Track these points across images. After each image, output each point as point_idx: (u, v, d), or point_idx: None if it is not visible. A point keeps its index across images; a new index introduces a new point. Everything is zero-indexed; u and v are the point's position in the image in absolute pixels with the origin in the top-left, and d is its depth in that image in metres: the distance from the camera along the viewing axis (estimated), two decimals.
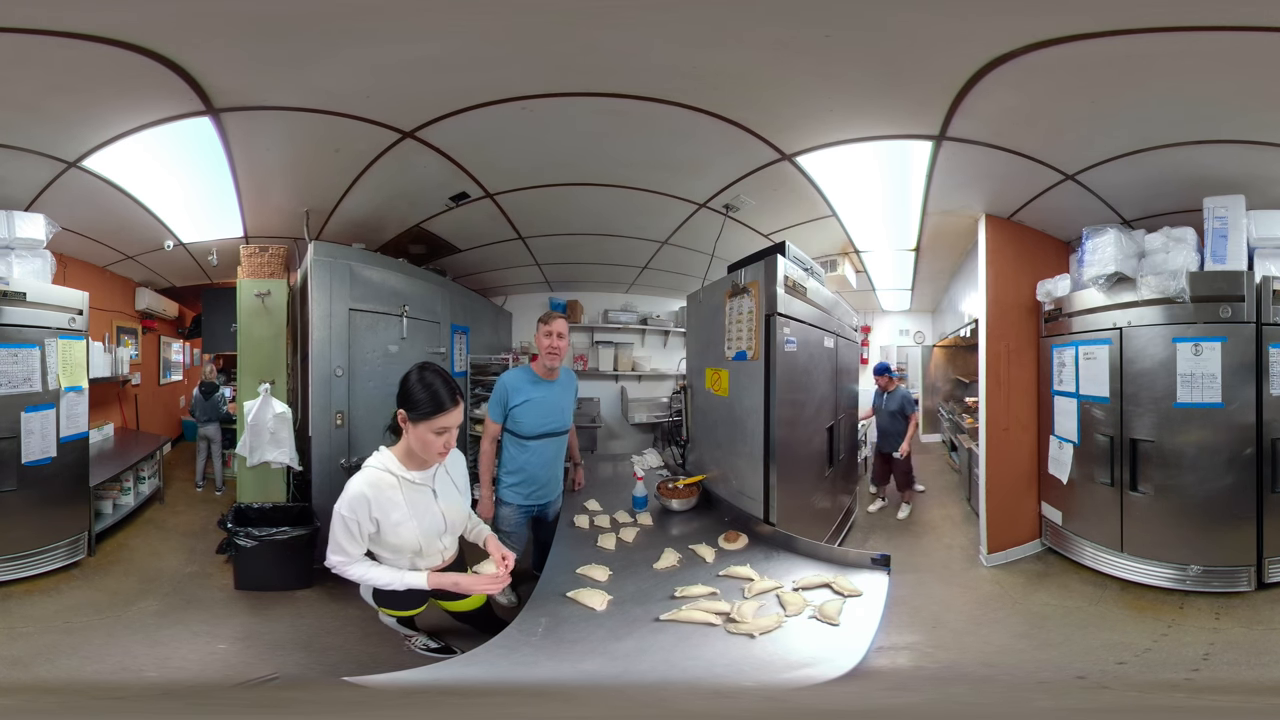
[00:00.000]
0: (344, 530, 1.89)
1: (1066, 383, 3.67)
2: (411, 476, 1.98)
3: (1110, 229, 3.36)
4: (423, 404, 1.87)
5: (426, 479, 2.02)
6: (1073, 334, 3.62)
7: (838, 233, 4.25)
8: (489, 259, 5.10)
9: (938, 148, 2.94)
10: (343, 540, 1.90)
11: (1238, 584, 3.05)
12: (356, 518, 1.88)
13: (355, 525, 1.88)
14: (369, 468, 1.96)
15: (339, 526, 1.89)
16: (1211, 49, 2.13)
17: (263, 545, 3.26)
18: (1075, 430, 3.59)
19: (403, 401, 1.91)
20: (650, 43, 2.28)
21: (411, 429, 1.90)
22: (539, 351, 2.87)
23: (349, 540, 1.91)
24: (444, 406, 1.87)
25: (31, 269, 3.39)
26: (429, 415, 1.86)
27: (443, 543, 2.11)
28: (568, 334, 2.91)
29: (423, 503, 2.00)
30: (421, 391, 1.88)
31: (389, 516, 1.93)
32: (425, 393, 1.88)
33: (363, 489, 1.89)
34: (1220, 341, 3.05)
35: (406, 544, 1.99)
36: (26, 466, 3.19)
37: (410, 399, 1.89)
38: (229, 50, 2.29)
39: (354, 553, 1.93)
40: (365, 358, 3.87)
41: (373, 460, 1.98)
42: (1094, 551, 3.48)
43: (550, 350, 2.83)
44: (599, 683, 1.53)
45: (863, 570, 2.11)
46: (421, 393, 1.88)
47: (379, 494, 1.91)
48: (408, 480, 1.97)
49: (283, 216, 3.85)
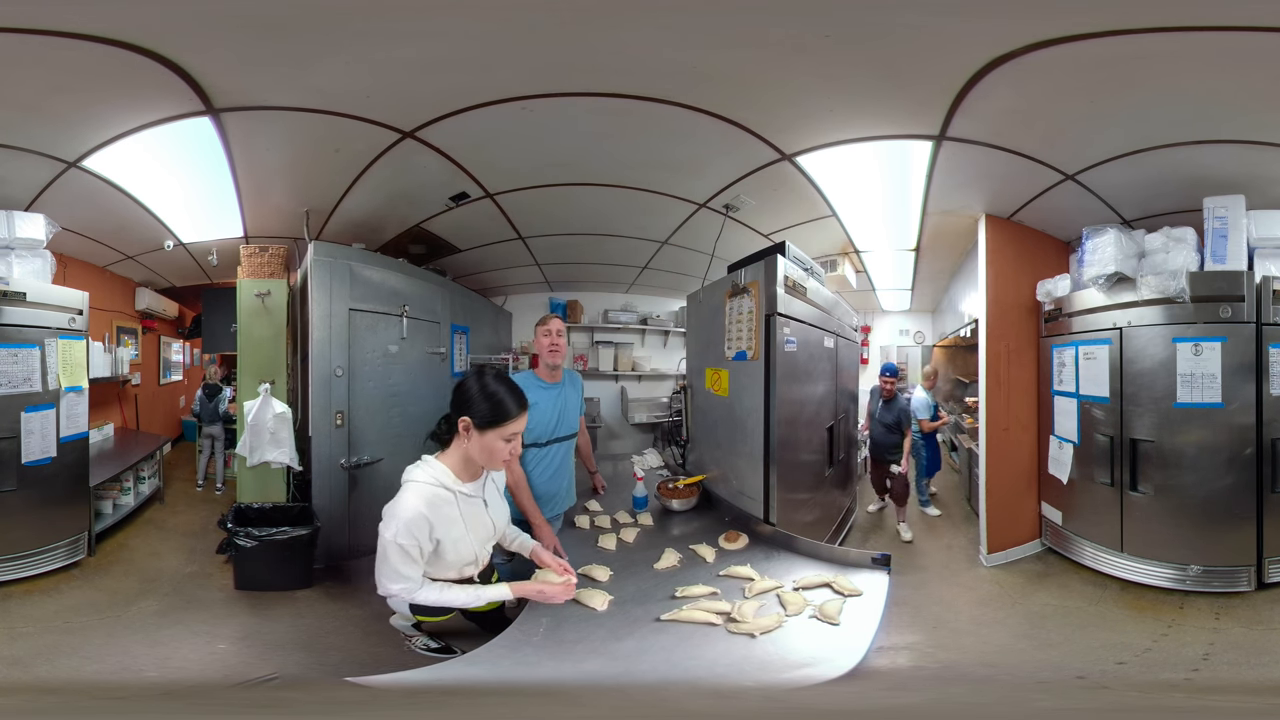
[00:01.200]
0: (403, 556, 1.75)
1: (1066, 383, 3.67)
2: (466, 489, 1.88)
3: (1110, 229, 3.36)
4: (492, 410, 1.79)
5: (478, 489, 1.94)
6: (1073, 334, 3.62)
7: (838, 233, 4.25)
8: (489, 259, 5.10)
9: (938, 148, 2.94)
10: (402, 567, 1.76)
11: (1238, 584, 3.05)
12: (416, 541, 1.75)
13: (415, 549, 1.76)
14: (419, 483, 1.81)
15: (396, 554, 1.74)
16: (1211, 49, 2.13)
17: (263, 545, 3.26)
18: (1075, 430, 3.59)
19: (466, 409, 1.81)
20: (650, 43, 2.28)
21: (477, 436, 1.80)
22: (539, 353, 2.81)
23: (409, 565, 1.77)
24: (514, 412, 1.80)
25: (31, 269, 3.39)
26: (500, 422, 1.78)
27: (488, 549, 2.07)
28: (566, 333, 2.89)
29: (476, 514, 1.93)
30: (490, 397, 1.80)
31: (450, 533, 1.82)
32: (494, 399, 1.80)
33: (420, 509, 1.76)
34: (1220, 341, 3.05)
35: (464, 559, 1.91)
36: (26, 466, 3.19)
37: (476, 405, 1.80)
38: (229, 50, 2.29)
39: (415, 575, 1.80)
40: (365, 358, 3.87)
41: (420, 474, 1.83)
42: (1094, 551, 3.48)
43: (551, 349, 2.78)
44: (600, 683, 1.53)
45: (863, 570, 2.11)
46: (490, 399, 1.80)
47: (437, 512, 1.79)
48: (463, 494, 1.87)
49: (283, 216, 3.85)
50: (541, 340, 2.80)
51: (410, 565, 1.77)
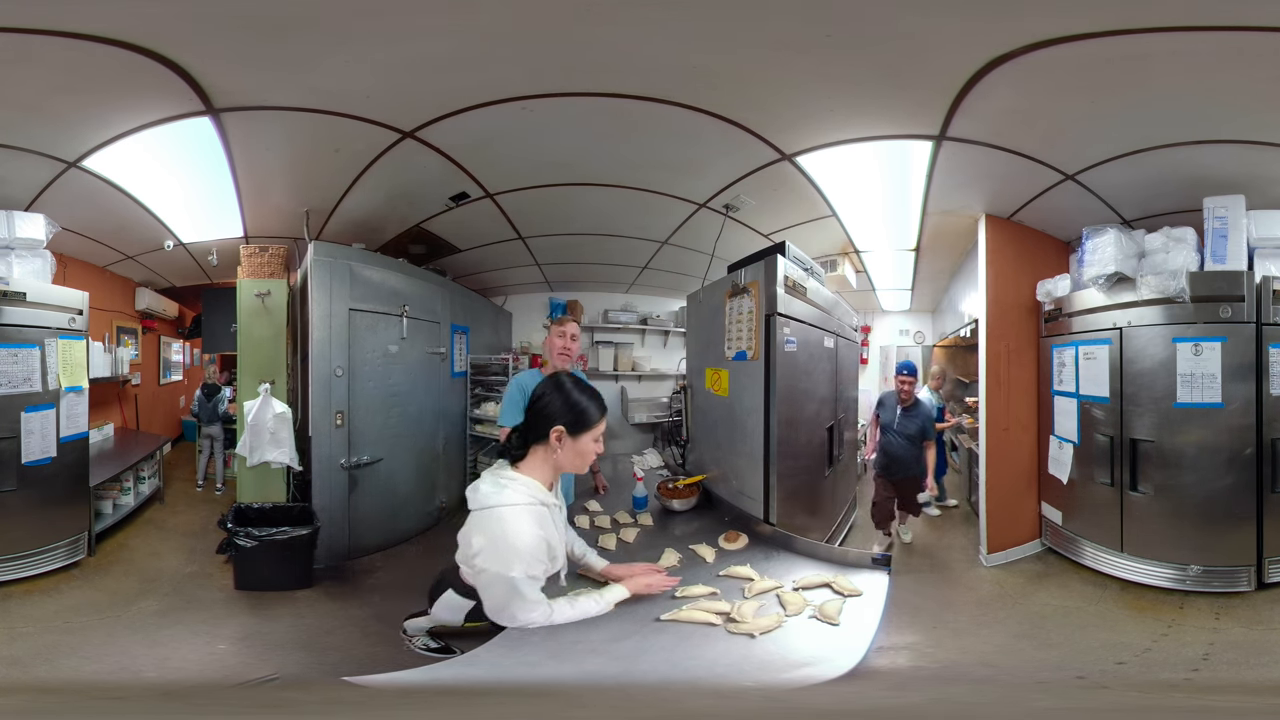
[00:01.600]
0: (534, 586, 1.70)
1: (1066, 383, 3.67)
2: (554, 500, 1.87)
3: (1110, 229, 3.36)
4: (587, 412, 1.82)
5: (556, 497, 1.92)
6: (1073, 334, 3.62)
7: (838, 233, 4.25)
8: (489, 259, 5.10)
9: (938, 148, 2.94)
10: (536, 596, 1.71)
11: (1238, 584, 3.05)
12: (544, 566, 1.73)
13: (544, 573, 1.74)
14: (520, 505, 1.72)
15: (529, 588, 1.66)
16: (1211, 49, 2.13)
17: (263, 545, 3.26)
18: (1075, 430, 3.59)
19: (556, 419, 1.79)
20: (650, 43, 2.28)
21: (571, 443, 1.79)
22: (550, 353, 2.77)
23: (537, 590, 1.72)
24: (603, 410, 1.86)
25: (31, 269, 3.39)
26: (593, 424, 1.83)
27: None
28: (581, 339, 2.86)
29: (561, 521, 1.92)
30: (576, 404, 1.82)
31: (555, 550, 1.81)
32: (580, 404, 1.83)
33: (537, 533, 1.70)
34: (1220, 341, 3.05)
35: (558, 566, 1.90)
36: (26, 466, 3.19)
37: (566, 414, 1.80)
38: (229, 50, 2.29)
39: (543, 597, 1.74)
40: (365, 358, 3.87)
41: (515, 495, 1.74)
42: (1094, 551, 3.48)
43: (563, 352, 2.75)
44: (600, 682, 1.53)
45: (863, 570, 2.10)
46: (577, 405, 1.82)
47: (547, 529, 1.76)
48: (554, 505, 1.86)
49: (283, 216, 3.85)
50: (555, 340, 2.76)
51: (537, 589, 1.72)
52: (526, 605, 1.66)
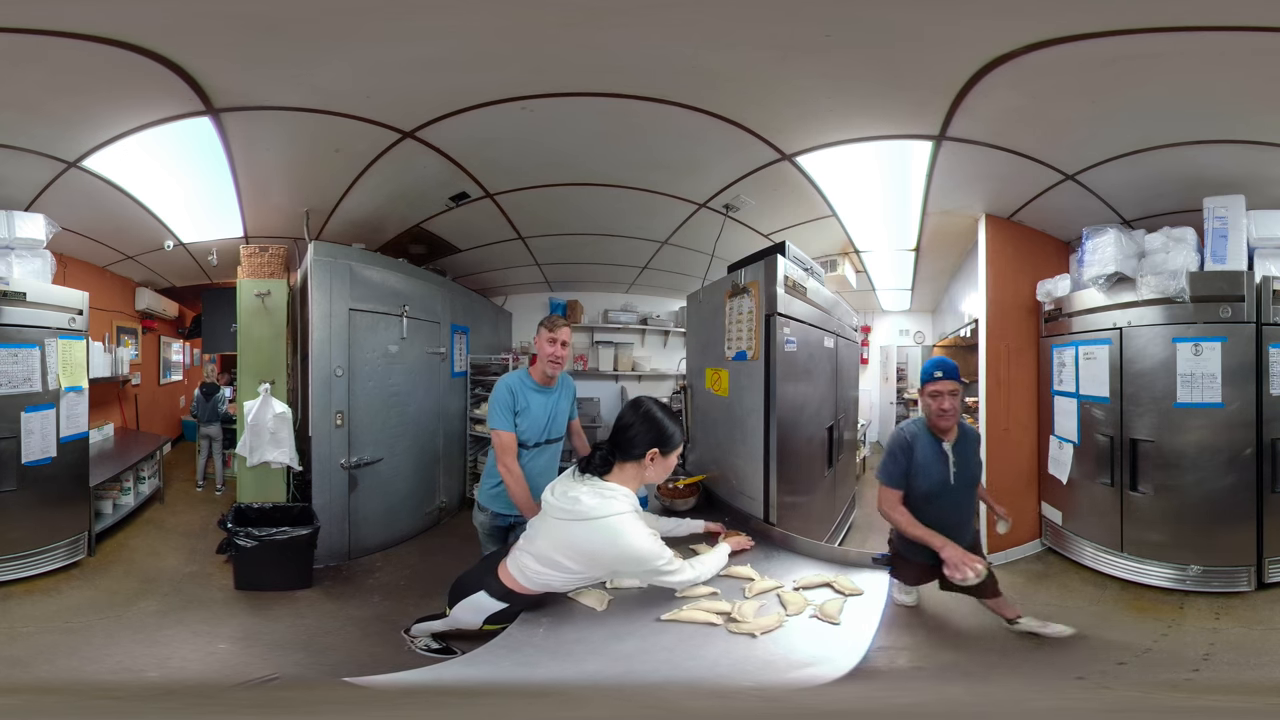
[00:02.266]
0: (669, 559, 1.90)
1: (1066, 383, 3.67)
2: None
3: (1110, 229, 3.36)
4: (674, 436, 2.01)
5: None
6: (1073, 334, 3.62)
7: (838, 233, 4.25)
8: (489, 259, 5.10)
9: (938, 148, 2.94)
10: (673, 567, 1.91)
11: (1238, 584, 3.05)
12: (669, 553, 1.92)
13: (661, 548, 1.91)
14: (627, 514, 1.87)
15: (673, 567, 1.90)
16: (1211, 49, 2.13)
17: (263, 545, 3.26)
18: (1075, 430, 3.59)
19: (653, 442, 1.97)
20: (650, 42, 2.28)
21: (661, 460, 2.00)
22: (540, 357, 2.71)
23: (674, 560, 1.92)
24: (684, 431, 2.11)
25: (31, 269, 3.39)
26: (678, 444, 2.03)
27: None
28: (571, 341, 2.79)
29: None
30: (668, 427, 2.01)
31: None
32: (671, 427, 2.02)
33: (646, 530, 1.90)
34: (1220, 341, 3.05)
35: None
36: (26, 466, 3.19)
37: (663, 435, 1.98)
38: (229, 50, 2.29)
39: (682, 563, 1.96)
40: (365, 358, 3.87)
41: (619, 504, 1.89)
42: (1094, 551, 3.48)
43: (553, 359, 2.68)
44: (601, 683, 1.53)
45: (863, 570, 2.11)
46: (669, 428, 2.01)
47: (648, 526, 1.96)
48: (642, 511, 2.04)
49: (283, 216, 3.85)
50: (545, 346, 2.69)
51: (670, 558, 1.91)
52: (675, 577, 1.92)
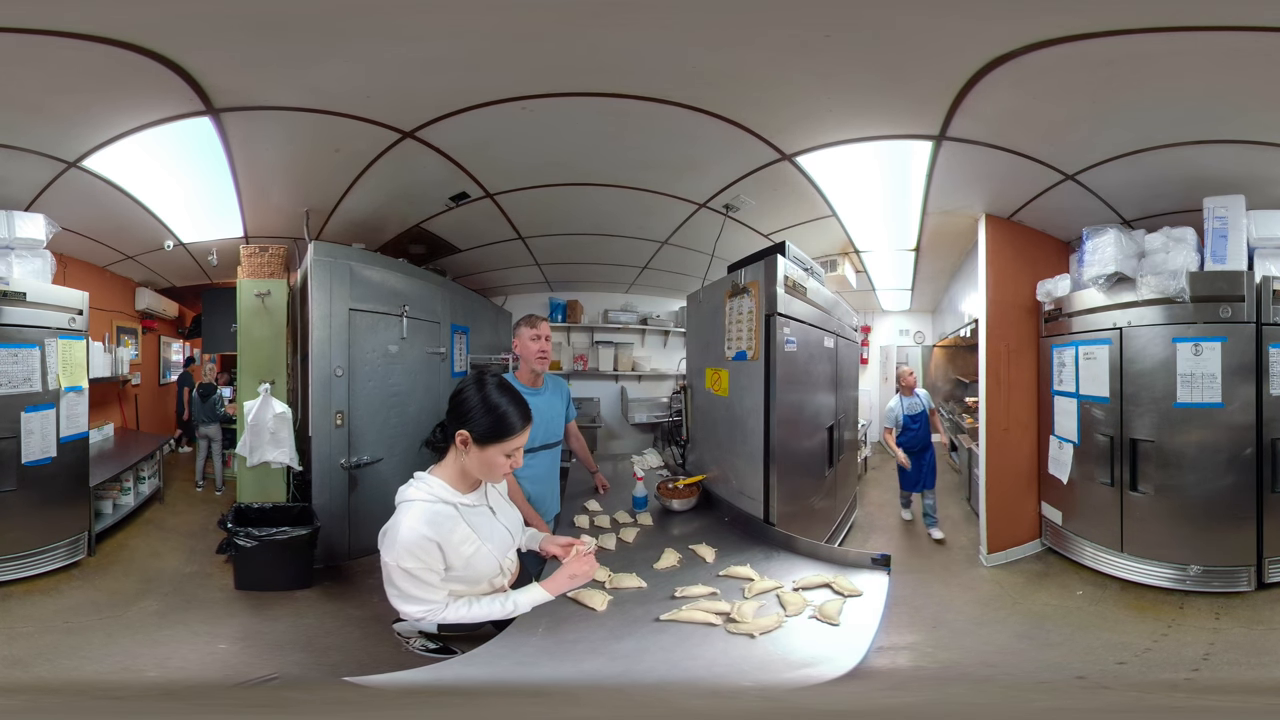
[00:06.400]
0: (412, 581, 1.63)
1: (1066, 383, 3.67)
2: (468, 500, 1.77)
3: (1110, 229, 3.36)
4: (495, 425, 1.68)
5: (480, 498, 1.84)
6: (1073, 334, 3.62)
7: (838, 233, 4.25)
8: (489, 259, 5.10)
9: (938, 148, 2.94)
10: (416, 591, 1.64)
11: (1238, 584, 3.05)
12: (424, 563, 1.63)
13: (425, 571, 1.64)
14: (418, 502, 1.68)
15: (401, 578, 1.62)
16: (1211, 49, 2.13)
17: (263, 545, 3.26)
18: (1075, 430, 3.59)
19: (465, 421, 1.70)
20: (650, 42, 2.28)
21: (476, 451, 1.69)
22: (526, 357, 2.68)
23: (424, 589, 1.65)
24: (518, 427, 1.69)
25: (31, 269, 3.39)
26: (502, 437, 1.68)
27: (509, 557, 1.94)
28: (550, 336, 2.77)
29: (486, 524, 1.82)
30: (492, 411, 1.69)
31: (460, 552, 1.70)
32: (496, 412, 1.69)
33: (421, 530, 1.63)
34: (1220, 341, 3.05)
35: (486, 573, 1.80)
36: (26, 466, 3.19)
37: (477, 419, 1.69)
38: (229, 50, 2.29)
39: (436, 598, 1.68)
40: (365, 358, 3.87)
41: (417, 492, 1.70)
42: (1094, 551, 3.48)
43: (540, 355, 2.65)
44: (599, 682, 1.52)
45: (863, 570, 2.10)
46: (492, 412, 1.69)
47: (441, 531, 1.66)
48: (466, 505, 1.76)
49: (283, 216, 3.85)
50: (530, 345, 2.66)
51: (423, 588, 1.65)
52: (399, 595, 1.65)
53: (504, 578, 1.88)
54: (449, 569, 1.69)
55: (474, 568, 1.74)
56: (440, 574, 1.67)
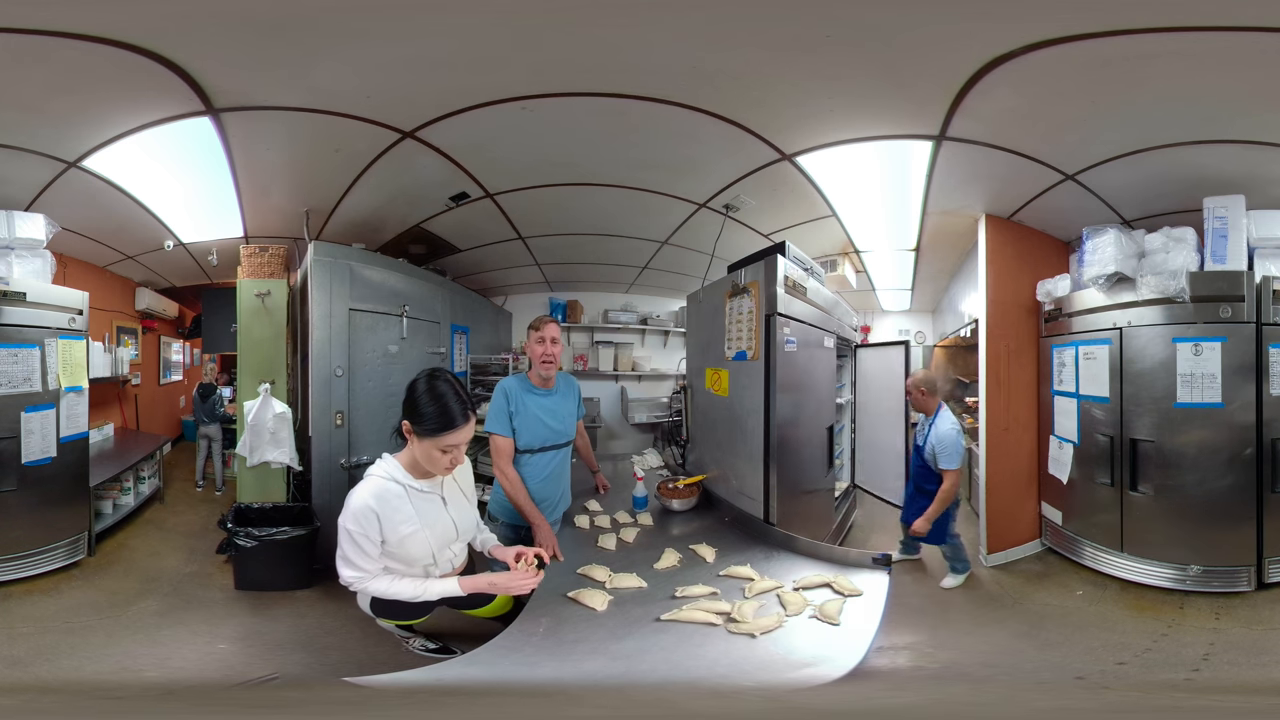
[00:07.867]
0: (352, 545, 1.79)
1: (1066, 383, 3.67)
2: (419, 485, 1.88)
3: (1110, 229, 3.36)
4: (429, 419, 1.75)
5: (435, 486, 1.94)
6: (1073, 334, 3.62)
7: (838, 233, 4.25)
8: (489, 259, 5.10)
9: (938, 148, 2.94)
10: (353, 555, 1.80)
11: (1238, 584, 3.05)
12: (364, 531, 1.78)
13: (364, 539, 1.79)
14: (373, 477, 1.85)
15: (346, 541, 1.79)
16: (1211, 49, 2.13)
17: (263, 545, 3.26)
18: (1075, 430, 3.59)
19: (408, 413, 1.79)
20: (651, 43, 2.28)
21: (416, 442, 1.79)
22: (533, 359, 2.68)
23: (360, 555, 1.81)
24: (453, 424, 1.75)
25: (31, 269, 3.39)
26: (435, 432, 1.75)
27: (452, 550, 2.04)
28: (561, 339, 2.74)
29: (433, 511, 1.92)
30: (429, 405, 1.75)
31: (398, 530, 1.83)
32: (433, 407, 1.75)
33: (368, 501, 1.79)
34: (1220, 341, 3.05)
35: (419, 556, 1.91)
36: (26, 466, 3.19)
37: (416, 412, 1.77)
38: (229, 50, 2.29)
39: (369, 567, 1.83)
40: (365, 358, 3.87)
41: (377, 469, 1.87)
42: (1094, 551, 3.48)
43: (545, 359, 2.63)
44: (600, 683, 1.53)
45: (863, 570, 2.10)
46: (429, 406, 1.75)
47: (385, 506, 1.81)
48: (415, 489, 1.87)
49: (283, 216, 3.85)
50: (535, 348, 2.66)
51: (362, 555, 1.81)
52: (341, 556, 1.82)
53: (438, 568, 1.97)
54: (385, 542, 1.82)
55: (406, 548, 1.87)
56: (377, 545, 1.81)
